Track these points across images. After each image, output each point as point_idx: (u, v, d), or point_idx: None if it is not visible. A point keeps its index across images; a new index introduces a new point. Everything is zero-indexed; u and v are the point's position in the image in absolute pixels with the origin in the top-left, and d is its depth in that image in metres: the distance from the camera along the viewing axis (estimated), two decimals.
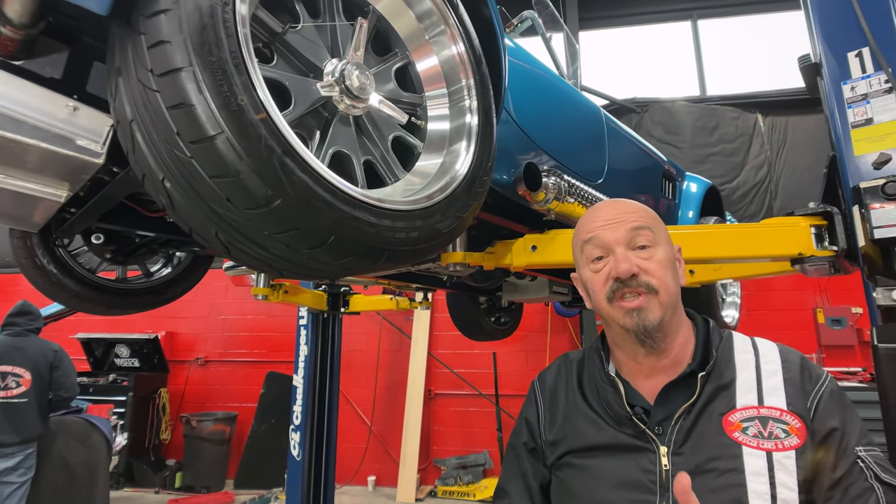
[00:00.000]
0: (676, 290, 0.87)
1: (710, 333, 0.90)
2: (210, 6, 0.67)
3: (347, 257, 0.82)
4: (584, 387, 0.94)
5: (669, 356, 0.87)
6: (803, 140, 5.49)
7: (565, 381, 0.97)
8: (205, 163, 0.69)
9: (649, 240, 0.88)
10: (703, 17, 6.30)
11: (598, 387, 0.92)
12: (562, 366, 1.02)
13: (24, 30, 0.87)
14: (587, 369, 0.96)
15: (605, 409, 0.89)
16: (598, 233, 0.90)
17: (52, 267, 1.87)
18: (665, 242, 0.90)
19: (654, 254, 0.87)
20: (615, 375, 0.91)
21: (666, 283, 0.85)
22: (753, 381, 0.84)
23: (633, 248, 0.87)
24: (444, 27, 1.03)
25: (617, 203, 0.94)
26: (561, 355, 1.05)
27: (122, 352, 6.20)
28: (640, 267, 0.85)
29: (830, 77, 1.46)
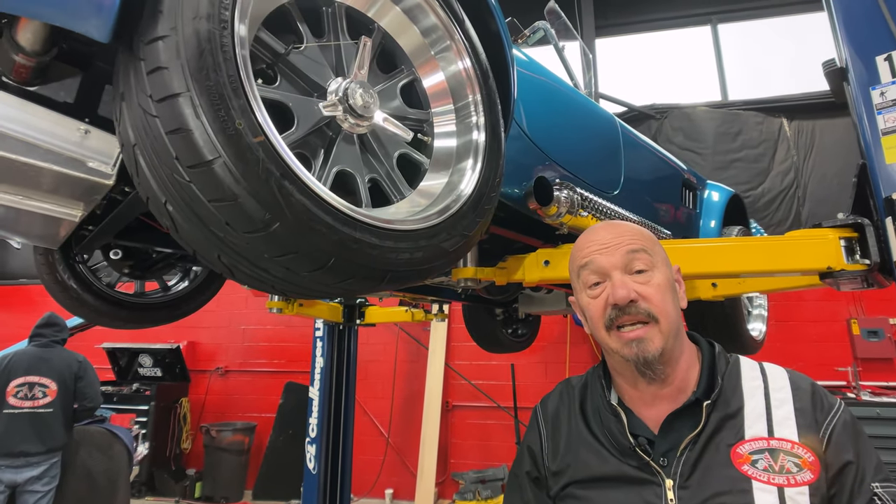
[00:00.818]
0: (677, 315, 0.85)
1: (716, 359, 0.87)
2: (208, 31, 0.67)
3: (349, 279, 0.81)
4: (588, 415, 0.91)
5: (672, 384, 0.84)
6: (832, 144, 5.31)
7: (568, 408, 0.95)
8: (203, 187, 0.68)
9: (646, 263, 0.85)
10: (723, 21, 6.18)
11: (601, 415, 0.89)
12: (564, 392, 0.99)
13: (36, 57, 0.88)
14: (590, 396, 0.93)
15: (608, 439, 0.86)
16: (594, 257, 0.87)
17: (72, 282, 1.91)
18: (663, 265, 0.87)
19: (651, 278, 0.84)
20: (617, 404, 0.88)
21: (666, 310, 0.83)
22: (763, 411, 0.80)
23: (630, 273, 0.85)
24: (449, 42, 1.02)
25: (612, 226, 0.92)
26: (563, 381, 1.03)
27: (145, 361, 6.32)
28: (638, 293, 0.82)
29: (858, 82, 1.40)
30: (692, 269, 1.43)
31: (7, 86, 0.94)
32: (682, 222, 2.34)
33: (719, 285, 1.99)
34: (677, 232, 2.24)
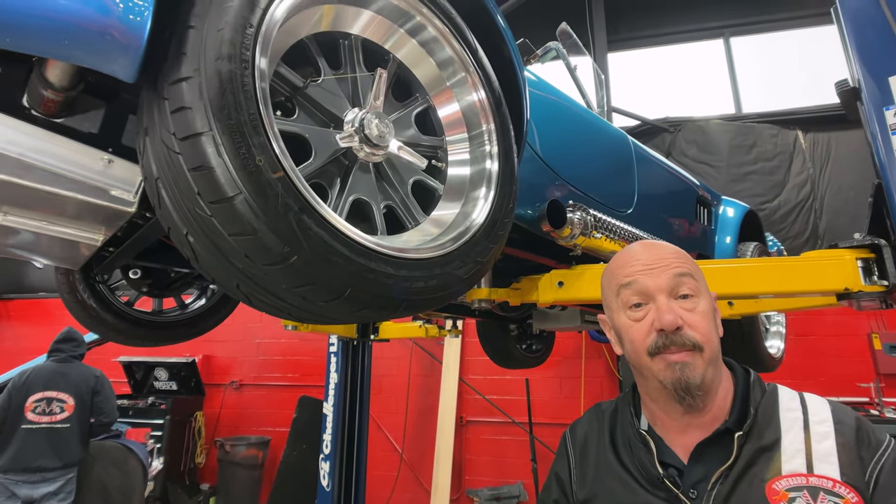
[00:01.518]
0: (718, 343, 0.82)
1: (750, 388, 0.83)
2: (229, 71, 0.69)
3: (365, 308, 0.82)
4: (617, 443, 0.89)
5: (708, 413, 0.82)
6: (847, 156, 5.24)
7: (597, 435, 0.93)
8: (224, 221, 0.70)
9: (692, 289, 0.82)
10: (736, 34, 6.17)
11: (631, 444, 0.86)
12: (593, 418, 0.97)
13: (64, 92, 0.92)
14: (620, 423, 0.91)
15: (637, 469, 0.84)
16: (639, 278, 0.84)
17: (91, 301, 1.95)
18: (706, 291, 0.84)
19: (696, 304, 0.81)
20: (647, 432, 0.85)
21: (710, 339, 0.80)
22: (801, 445, 0.76)
23: (675, 297, 0.82)
24: (464, 74, 1.04)
25: (655, 246, 0.89)
26: (593, 406, 1.01)
27: (160, 375, 6.37)
28: (684, 320, 0.80)
29: (872, 102, 1.39)
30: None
31: (35, 118, 0.97)
32: (697, 239, 2.32)
33: (736, 304, 1.97)
34: (692, 249, 2.22)
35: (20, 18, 0.63)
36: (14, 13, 0.62)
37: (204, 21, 0.69)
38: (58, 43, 0.66)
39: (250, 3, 0.73)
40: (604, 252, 1.49)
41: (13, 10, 0.62)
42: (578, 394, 5.28)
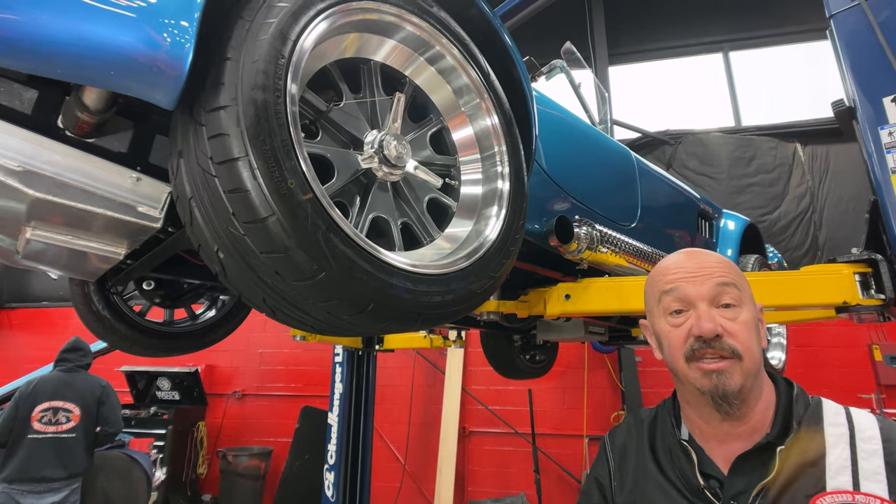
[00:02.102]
0: (760, 354, 0.81)
1: (794, 401, 0.82)
2: (263, 100, 0.74)
3: (385, 321, 0.86)
4: (657, 450, 0.89)
5: (748, 424, 0.81)
6: (846, 169, 5.31)
7: (636, 442, 0.93)
8: (257, 240, 0.74)
9: (735, 298, 0.82)
10: (735, 48, 6.27)
11: (671, 453, 0.86)
12: (632, 426, 0.97)
13: (99, 115, 0.97)
14: (660, 431, 0.91)
15: (678, 478, 0.83)
16: (681, 284, 0.84)
17: (105, 312, 1.99)
18: (750, 301, 0.83)
19: (738, 314, 0.81)
20: (688, 442, 0.85)
21: (751, 349, 0.79)
22: (847, 461, 0.74)
23: (717, 306, 0.82)
24: (479, 101, 1.09)
25: (699, 254, 0.88)
26: (631, 413, 1.00)
27: (163, 384, 6.38)
28: (724, 328, 0.79)
29: (867, 122, 1.44)
30: None
31: (69, 139, 1.02)
32: None
33: None
34: None
35: (73, 52, 0.68)
36: (68, 48, 0.67)
37: (240, 53, 0.74)
38: (106, 74, 0.71)
39: (282, 35, 0.78)
40: (609, 265, 1.53)
41: (66, 45, 0.67)
42: (581, 404, 5.29)
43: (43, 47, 0.67)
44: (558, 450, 5.22)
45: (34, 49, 0.67)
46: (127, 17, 0.67)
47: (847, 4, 1.50)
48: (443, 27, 1.03)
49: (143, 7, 0.68)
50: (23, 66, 0.71)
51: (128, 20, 0.67)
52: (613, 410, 5.23)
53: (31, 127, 0.98)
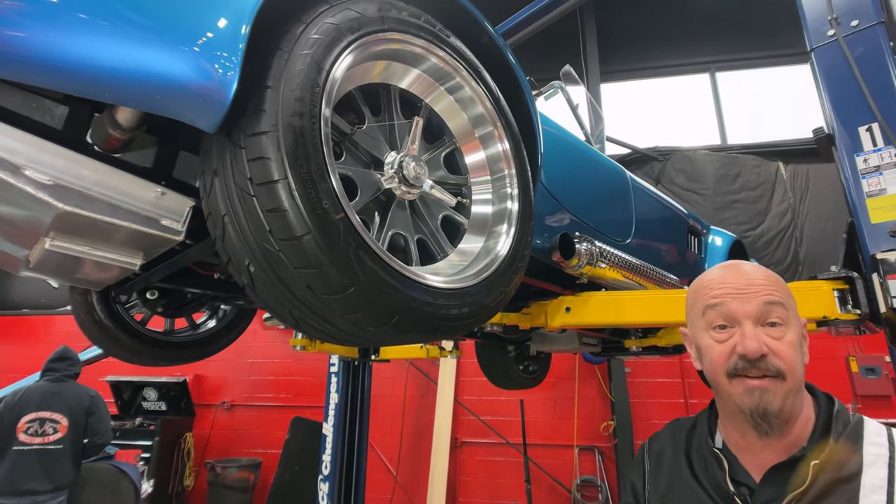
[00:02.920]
0: (802, 373, 0.81)
1: (833, 417, 0.81)
2: (301, 126, 0.79)
3: (407, 333, 0.91)
4: (692, 458, 0.90)
5: (787, 439, 0.81)
6: (825, 187, 5.51)
7: (673, 448, 0.95)
8: (292, 256, 0.79)
9: (781, 318, 0.81)
10: (721, 69, 6.49)
11: (705, 461, 0.87)
12: (672, 432, 0.99)
13: (130, 132, 1.01)
14: (696, 439, 0.93)
15: (710, 485, 0.85)
16: (726, 301, 0.83)
17: (108, 322, 1.99)
18: (796, 320, 0.82)
19: (784, 333, 0.80)
20: (721, 450, 0.86)
21: (794, 369, 0.79)
22: (884, 481, 0.73)
23: (762, 324, 0.81)
24: (492, 129, 1.16)
25: (746, 269, 0.87)
26: (672, 421, 1.03)
27: (149, 395, 6.28)
28: (769, 347, 0.79)
29: (844, 149, 1.54)
30: None
31: (97, 153, 1.06)
32: (689, 267, 2.45)
33: None
34: (683, 276, 2.34)
35: (126, 80, 0.73)
36: (121, 75, 0.72)
37: (279, 82, 0.80)
38: (153, 99, 0.76)
39: (317, 65, 0.84)
40: (606, 280, 1.60)
41: (120, 72, 0.72)
42: (571, 415, 5.35)
43: (99, 75, 0.71)
44: (549, 460, 5.27)
45: (91, 77, 0.71)
46: (181, 49, 0.72)
47: (826, 40, 1.61)
48: (464, 60, 1.10)
49: (195, 39, 0.73)
50: (74, 90, 0.75)
51: (181, 51, 0.72)
52: (603, 421, 5.30)
53: (62, 142, 1.02)
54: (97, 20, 0.70)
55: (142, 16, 0.72)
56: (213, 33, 0.75)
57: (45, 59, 0.68)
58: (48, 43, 0.68)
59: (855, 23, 1.54)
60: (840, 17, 1.56)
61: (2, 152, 0.95)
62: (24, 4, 0.66)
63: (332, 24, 0.88)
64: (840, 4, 1.57)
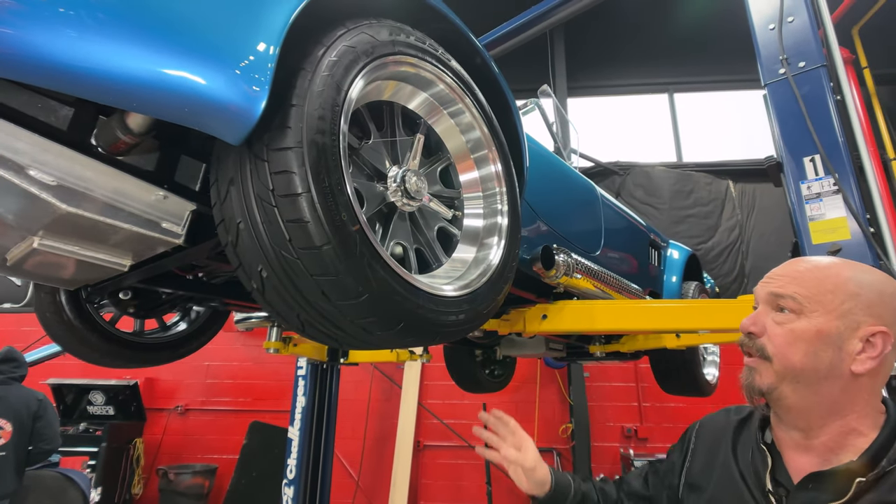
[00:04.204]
0: (805, 366, 0.80)
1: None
2: (323, 143, 0.85)
3: (410, 337, 0.98)
4: (738, 446, 0.93)
5: (816, 438, 0.81)
6: (770, 206, 5.95)
7: (721, 433, 0.98)
8: (310, 264, 0.84)
9: (792, 307, 0.82)
10: (679, 91, 6.89)
11: (752, 452, 0.90)
12: (726, 417, 1.01)
13: (140, 137, 1.03)
14: (747, 429, 0.95)
15: (751, 476, 0.87)
16: (759, 284, 0.89)
17: (78, 322, 1.94)
18: (820, 315, 0.80)
19: (790, 321, 0.82)
20: (768, 446, 0.88)
21: (783, 354, 0.81)
22: None
23: (775, 309, 0.84)
24: (486, 152, 1.24)
25: (792, 262, 0.89)
26: (729, 407, 1.05)
27: (96, 399, 6.00)
28: (767, 329, 0.83)
29: (791, 176, 1.72)
30: (666, 325, 1.68)
31: (102, 156, 1.07)
32: (650, 278, 2.62)
33: (682, 336, 2.26)
34: (645, 286, 2.51)
35: (155, 91, 0.76)
36: (151, 87, 0.76)
37: (304, 101, 0.85)
38: (181, 111, 0.79)
39: (337, 86, 0.89)
40: (580, 289, 1.71)
41: (150, 84, 0.76)
42: (532, 418, 5.51)
43: (132, 87, 0.75)
44: None
45: (123, 88, 0.75)
46: (214, 65, 0.76)
47: (777, 77, 1.79)
48: (466, 87, 1.18)
49: (229, 57, 0.78)
50: (103, 100, 0.78)
51: (215, 68, 0.76)
52: (562, 423, 5.48)
53: (66, 143, 1.02)
54: (132, 33, 0.74)
55: (176, 32, 0.76)
56: (246, 53, 0.79)
57: (81, 70, 0.71)
58: (86, 53, 0.70)
59: (802, 64, 1.72)
60: (790, 58, 1.74)
61: (7, 152, 0.95)
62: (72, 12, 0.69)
63: (349, 47, 0.94)
64: (790, 46, 1.75)
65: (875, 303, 0.79)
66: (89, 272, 1.47)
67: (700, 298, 2.86)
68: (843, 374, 0.78)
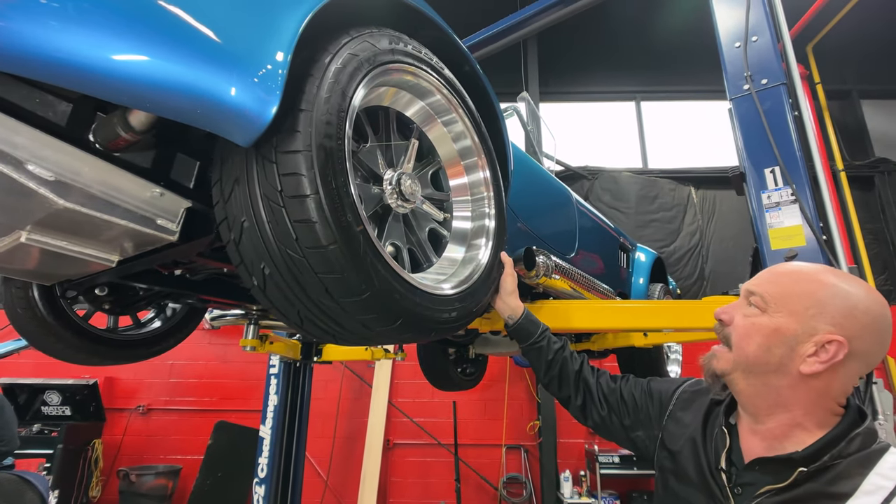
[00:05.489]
0: (757, 358, 0.87)
1: (846, 437, 0.82)
2: (331, 147, 0.89)
3: (408, 333, 1.03)
4: (708, 424, 1.00)
5: (763, 424, 0.89)
6: (729, 212, 6.26)
7: (697, 407, 1.05)
8: (316, 263, 0.88)
9: (758, 303, 0.90)
10: (645, 99, 7.15)
11: (715, 432, 0.98)
12: (703, 392, 1.09)
13: (140, 135, 1.04)
14: (718, 409, 1.01)
15: (710, 453, 0.95)
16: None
17: (51, 318, 1.90)
18: (783, 315, 0.86)
19: (755, 315, 0.89)
20: (729, 428, 0.95)
21: (741, 346, 0.89)
22: None
23: (748, 304, 0.92)
24: (476, 159, 1.30)
25: (780, 265, 0.97)
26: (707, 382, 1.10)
27: (51, 399, 5.77)
28: (732, 318, 0.92)
29: (753, 186, 1.85)
30: (638, 324, 1.78)
31: (99, 151, 1.07)
32: (619, 280, 2.74)
33: (650, 335, 2.38)
34: (615, 288, 2.63)
35: (168, 93, 0.79)
36: (164, 88, 0.78)
37: (313, 105, 0.88)
38: (193, 113, 0.82)
39: (343, 93, 0.93)
40: (556, 290, 1.80)
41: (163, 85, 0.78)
42: (501, 415, 5.62)
43: (147, 88, 0.77)
44: (478, 459, 5.48)
45: (138, 89, 0.77)
46: (230, 69, 0.80)
47: (742, 92, 1.92)
48: (459, 98, 1.24)
49: (244, 62, 0.81)
50: (117, 99, 0.80)
51: (231, 72, 0.79)
52: (529, 420, 5.61)
53: (64, 138, 1.02)
54: (149, 35, 0.76)
55: (194, 38, 0.79)
56: (262, 60, 0.82)
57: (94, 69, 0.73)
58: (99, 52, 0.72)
59: (764, 81, 1.86)
60: (753, 75, 1.88)
61: (6, 146, 0.95)
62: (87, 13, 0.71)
63: (353, 55, 0.98)
64: (753, 64, 1.89)
65: (843, 314, 0.83)
66: (73, 267, 1.45)
67: (665, 299, 3.01)
68: (790, 371, 0.85)
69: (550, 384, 1.31)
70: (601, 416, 1.21)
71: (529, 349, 1.32)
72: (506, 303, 1.33)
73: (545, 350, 1.30)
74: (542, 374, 1.32)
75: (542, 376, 1.32)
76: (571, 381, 1.27)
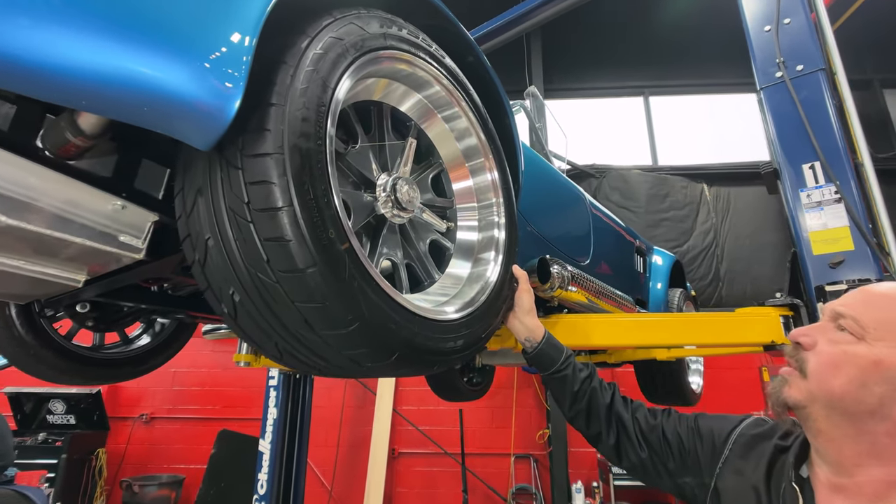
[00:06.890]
0: (846, 394, 0.73)
1: None
2: (307, 149, 0.73)
3: (405, 368, 0.87)
4: (773, 474, 0.86)
5: (849, 477, 0.74)
6: (745, 209, 6.04)
7: (758, 455, 0.90)
8: (291, 289, 0.73)
9: (851, 328, 0.75)
10: (654, 94, 6.93)
11: (784, 486, 0.82)
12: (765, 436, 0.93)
13: (93, 140, 0.90)
14: (785, 457, 0.86)
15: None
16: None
17: (30, 338, 1.78)
18: (887, 346, 0.72)
19: (847, 342, 0.75)
20: (801, 483, 0.80)
21: (821, 376, 0.75)
22: None
23: (836, 328, 0.77)
24: (483, 160, 1.14)
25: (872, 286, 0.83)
26: (771, 423, 0.96)
27: (56, 408, 5.69)
28: (815, 343, 0.77)
29: (789, 184, 1.68)
30: (665, 340, 1.62)
31: (48, 160, 0.93)
32: (637, 286, 2.57)
33: (673, 349, 2.21)
34: (633, 294, 2.46)
35: (109, 88, 0.64)
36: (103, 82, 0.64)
37: (285, 99, 0.73)
38: (140, 111, 0.67)
39: (323, 84, 0.78)
40: (573, 301, 1.63)
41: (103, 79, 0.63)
42: (509, 423, 5.45)
43: (77, 81, 0.62)
44: (486, 469, 5.32)
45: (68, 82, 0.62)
46: (179, 58, 0.65)
47: (774, 81, 1.75)
48: (462, 90, 1.08)
49: (197, 49, 0.66)
50: (46, 96, 0.65)
51: (180, 61, 0.65)
52: (539, 429, 5.44)
53: (7, 146, 0.88)
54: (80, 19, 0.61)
55: (133, 18, 0.64)
56: (217, 43, 0.67)
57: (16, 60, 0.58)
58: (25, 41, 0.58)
59: (800, 67, 1.68)
60: (787, 61, 1.70)
61: None
62: None
63: (336, 38, 0.83)
64: (787, 49, 1.71)
65: None
66: (38, 288, 1.32)
67: (686, 307, 2.83)
68: (891, 415, 0.70)
69: (576, 419, 1.13)
70: (640, 458, 1.03)
71: (550, 379, 1.15)
72: (523, 323, 1.16)
73: (570, 380, 1.12)
74: (567, 407, 1.14)
75: (567, 410, 1.14)
76: (602, 416, 1.09)
